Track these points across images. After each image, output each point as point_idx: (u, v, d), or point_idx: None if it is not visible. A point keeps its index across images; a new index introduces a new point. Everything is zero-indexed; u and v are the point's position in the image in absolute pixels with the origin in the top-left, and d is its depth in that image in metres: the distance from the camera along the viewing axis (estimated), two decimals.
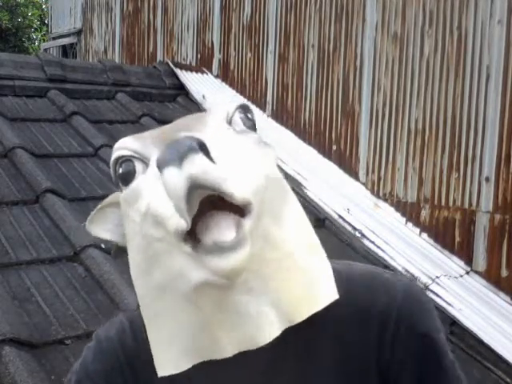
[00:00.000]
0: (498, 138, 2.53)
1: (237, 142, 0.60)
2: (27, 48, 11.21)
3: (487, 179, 2.56)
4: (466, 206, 2.64)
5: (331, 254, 0.66)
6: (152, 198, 0.57)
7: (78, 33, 5.71)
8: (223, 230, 0.55)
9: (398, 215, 2.89)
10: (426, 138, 2.79)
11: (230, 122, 0.63)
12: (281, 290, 0.59)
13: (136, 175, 0.61)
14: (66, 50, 6.02)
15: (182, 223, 0.55)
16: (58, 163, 2.69)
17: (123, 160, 0.62)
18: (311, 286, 0.61)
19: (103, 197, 0.74)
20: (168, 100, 3.74)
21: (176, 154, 0.53)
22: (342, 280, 0.65)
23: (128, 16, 4.96)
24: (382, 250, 2.63)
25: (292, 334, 0.60)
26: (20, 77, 3.26)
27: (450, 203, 2.70)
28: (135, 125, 3.31)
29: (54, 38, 6.30)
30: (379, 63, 3.00)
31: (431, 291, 2.41)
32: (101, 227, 0.71)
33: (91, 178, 2.62)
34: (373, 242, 2.67)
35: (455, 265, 2.65)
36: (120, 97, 3.52)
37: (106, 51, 5.30)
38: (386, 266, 2.54)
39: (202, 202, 0.55)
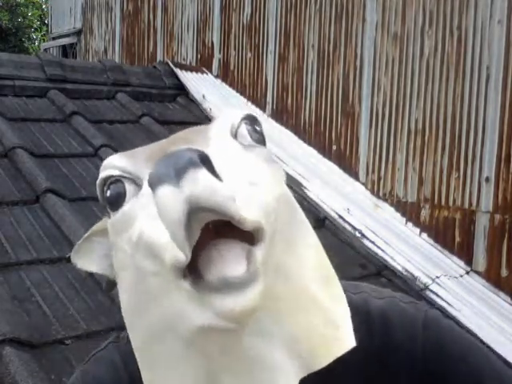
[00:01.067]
0: (498, 138, 2.53)
1: (244, 159, 0.51)
2: (27, 48, 11.21)
3: (487, 179, 2.56)
4: (466, 206, 2.64)
5: (331, 254, 0.63)
6: (144, 224, 0.48)
7: (78, 33, 5.71)
8: (230, 262, 0.46)
9: (398, 215, 2.88)
10: (426, 138, 2.79)
11: (235, 135, 0.54)
12: (297, 332, 0.50)
13: (127, 199, 0.51)
14: (66, 50, 6.02)
15: (179, 256, 0.45)
16: (58, 163, 2.69)
17: (112, 181, 0.53)
18: (330, 328, 0.52)
19: None
20: (168, 100, 3.74)
21: (173, 169, 0.44)
22: (361, 319, 0.60)
23: (128, 16, 4.96)
24: (382, 250, 2.63)
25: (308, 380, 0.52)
26: (20, 77, 3.26)
27: (450, 203, 2.69)
28: (135, 125, 3.31)
29: (54, 38, 6.30)
30: (379, 63, 3.00)
31: (431, 291, 2.41)
32: (86, 259, 0.62)
33: (91, 178, 2.62)
34: (373, 242, 2.67)
35: (455, 265, 2.65)
36: (120, 97, 3.52)
37: (106, 51, 5.29)
38: (386, 266, 2.55)
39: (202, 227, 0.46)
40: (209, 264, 0.46)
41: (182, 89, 3.82)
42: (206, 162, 0.45)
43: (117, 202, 0.52)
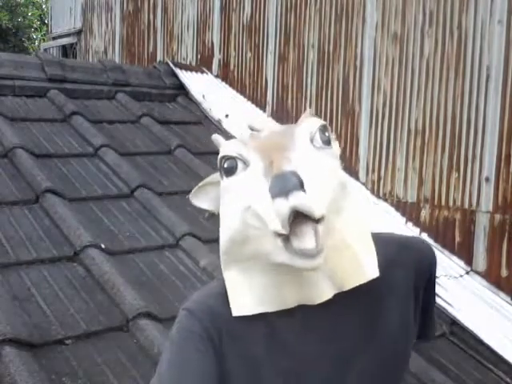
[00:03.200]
0: (498, 137, 2.53)
1: (317, 159, 0.80)
2: (27, 48, 11.22)
3: (487, 179, 2.56)
4: (466, 206, 2.64)
5: None
6: (255, 199, 0.76)
7: (78, 33, 5.71)
8: (306, 236, 0.74)
9: (398, 215, 2.89)
10: (426, 138, 2.79)
11: (312, 140, 0.83)
12: (334, 267, 0.82)
13: (237, 172, 0.81)
14: (66, 50, 6.03)
15: (283, 230, 0.73)
16: (58, 163, 2.68)
17: (228, 157, 0.82)
18: (358, 265, 0.84)
19: (103, 197, 0.74)
20: (168, 100, 3.74)
21: (284, 188, 0.73)
22: (400, 246, 0.95)
23: (128, 16, 4.96)
24: None
25: (356, 296, 0.84)
26: (20, 77, 3.26)
27: (450, 203, 2.70)
28: (135, 125, 3.31)
29: (54, 38, 6.30)
30: (379, 63, 3.00)
31: None
32: (202, 199, 0.94)
33: (91, 177, 2.62)
34: None
35: (455, 265, 2.65)
36: (120, 97, 3.52)
37: (105, 51, 5.30)
38: None
39: None
40: (294, 236, 0.74)
41: (181, 89, 3.82)
42: (302, 185, 0.73)
43: (230, 171, 0.81)
